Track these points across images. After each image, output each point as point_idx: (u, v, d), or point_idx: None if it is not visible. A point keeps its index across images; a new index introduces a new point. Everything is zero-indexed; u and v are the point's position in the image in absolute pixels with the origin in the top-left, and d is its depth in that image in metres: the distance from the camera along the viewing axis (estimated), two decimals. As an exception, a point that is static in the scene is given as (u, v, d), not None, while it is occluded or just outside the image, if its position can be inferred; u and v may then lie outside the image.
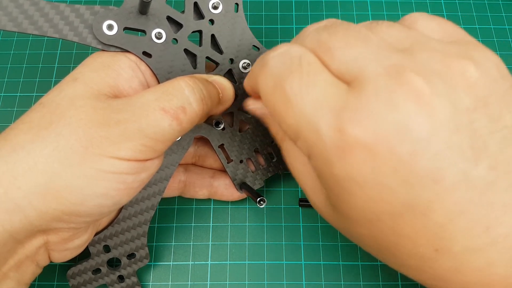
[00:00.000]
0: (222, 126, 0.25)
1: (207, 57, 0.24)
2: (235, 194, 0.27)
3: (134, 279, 0.24)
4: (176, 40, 0.23)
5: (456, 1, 0.34)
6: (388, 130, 0.14)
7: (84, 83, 0.19)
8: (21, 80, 0.31)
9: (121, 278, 0.24)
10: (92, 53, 0.22)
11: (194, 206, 0.28)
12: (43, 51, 0.32)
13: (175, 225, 0.28)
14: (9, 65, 0.32)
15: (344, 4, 0.34)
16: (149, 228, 0.27)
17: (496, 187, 0.14)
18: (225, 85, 0.23)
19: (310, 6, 0.34)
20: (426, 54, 0.16)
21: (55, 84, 0.20)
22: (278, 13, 0.34)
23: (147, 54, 0.22)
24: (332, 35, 0.17)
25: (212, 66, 0.24)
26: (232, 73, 0.24)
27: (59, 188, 0.17)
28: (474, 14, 0.34)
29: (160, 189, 0.24)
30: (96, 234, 0.23)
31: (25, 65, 0.32)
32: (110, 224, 0.24)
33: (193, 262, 0.27)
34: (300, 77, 0.16)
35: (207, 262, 0.27)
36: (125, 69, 0.21)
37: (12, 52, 0.32)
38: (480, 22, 0.34)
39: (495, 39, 0.33)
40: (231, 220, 0.28)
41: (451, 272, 0.15)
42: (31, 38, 0.33)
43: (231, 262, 0.27)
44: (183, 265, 0.27)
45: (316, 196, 0.19)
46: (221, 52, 0.24)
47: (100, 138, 0.18)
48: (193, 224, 0.28)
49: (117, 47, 0.21)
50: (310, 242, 0.27)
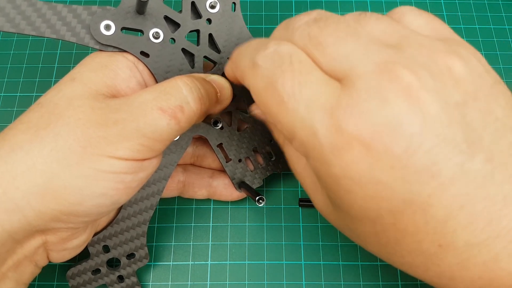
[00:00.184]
0: (221, 125, 0.25)
1: (205, 57, 0.24)
2: (234, 194, 0.26)
3: (134, 279, 0.24)
4: (174, 40, 0.23)
5: (456, 1, 0.34)
6: (382, 127, 0.14)
7: (82, 83, 0.19)
8: (21, 80, 0.31)
9: (121, 278, 0.24)
10: (91, 53, 0.22)
11: (194, 206, 0.28)
12: (43, 51, 0.32)
13: (175, 225, 0.28)
14: (9, 65, 0.32)
15: (344, 4, 0.34)
16: (149, 228, 0.27)
17: (495, 179, 0.14)
18: (223, 84, 0.23)
19: (310, 6, 0.34)
20: (415, 50, 0.15)
21: (55, 84, 0.20)
22: (278, 13, 0.34)
23: (145, 54, 0.22)
24: (323, 30, 0.17)
25: (210, 66, 0.24)
26: (231, 73, 0.24)
27: (58, 188, 0.17)
28: (474, 14, 0.34)
29: (159, 189, 0.24)
30: (96, 234, 0.23)
31: (25, 65, 0.32)
32: (109, 224, 0.24)
33: (193, 262, 0.27)
34: (292, 77, 0.16)
35: (207, 262, 0.27)
36: (123, 69, 0.21)
37: (12, 52, 0.32)
38: (480, 22, 0.34)
39: (495, 39, 0.33)
40: (231, 220, 0.28)
41: (456, 268, 0.15)
42: (31, 38, 0.33)
43: (231, 262, 0.27)
44: (183, 265, 0.27)
45: (317, 197, 0.19)
46: (219, 51, 0.24)
47: (98, 138, 0.18)
48: (193, 224, 0.28)
49: (115, 47, 0.22)
50: (310, 242, 0.27)
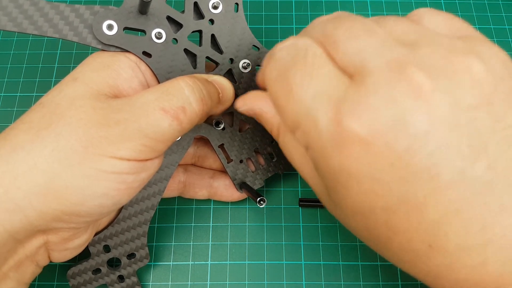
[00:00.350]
0: (222, 126, 0.25)
1: (207, 57, 0.24)
2: (235, 195, 0.26)
3: (134, 279, 0.24)
4: (176, 40, 0.23)
5: (456, 1, 0.34)
6: (386, 125, 0.14)
7: (84, 83, 0.19)
8: (21, 80, 0.31)
9: (121, 278, 0.24)
10: (92, 53, 0.22)
11: (194, 206, 0.28)
12: (43, 51, 0.32)
13: (175, 225, 0.28)
14: (9, 65, 0.32)
15: (344, 4, 0.34)
16: (149, 228, 0.27)
17: (494, 188, 0.14)
18: (225, 85, 0.23)
19: (310, 6, 0.34)
20: (431, 49, 0.15)
21: (55, 84, 0.20)
22: (278, 13, 0.34)
23: (147, 54, 0.22)
24: (338, 27, 0.17)
25: (212, 66, 0.24)
26: (232, 73, 0.24)
27: (59, 188, 0.17)
28: (474, 14, 0.34)
29: (160, 189, 0.24)
30: (96, 234, 0.23)
31: (25, 65, 0.32)
32: (110, 224, 0.24)
33: (193, 262, 0.27)
34: (304, 68, 0.17)
35: (207, 262, 0.27)
36: (125, 69, 0.21)
37: (12, 52, 0.32)
38: (480, 22, 0.34)
39: (495, 39, 0.33)
40: (231, 220, 0.28)
41: (444, 269, 0.15)
42: (31, 38, 0.33)
43: (231, 262, 0.27)
44: (183, 265, 0.27)
45: (316, 185, 0.19)
46: (221, 52, 0.24)
47: (100, 138, 0.18)
48: (193, 224, 0.28)
49: (117, 47, 0.21)
50: (310, 242, 0.27)
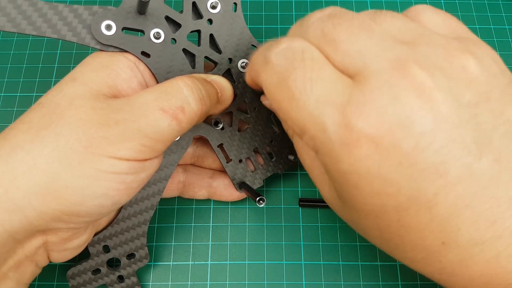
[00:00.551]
0: (221, 126, 0.25)
1: (206, 57, 0.24)
2: (234, 194, 0.26)
3: (134, 279, 0.24)
4: (175, 40, 0.23)
5: (456, 1, 0.34)
6: (392, 124, 0.14)
7: (83, 83, 0.19)
8: (21, 80, 0.31)
9: (121, 278, 0.24)
10: (91, 53, 0.22)
11: (194, 206, 0.28)
12: (43, 51, 0.32)
13: (175, 225, 0.28)
14: (9, 65, 0.32)
15: (344, 4, 0.34)
16: (149, 228, 0.27)
17: (501, 181, 0.14)
18: (224, 85, 0.23)
19: (310, 6, 0.34)
20: (429, 48, 0.16)
21: (55, 84, 0.20)
22: (278, 13, 0.34)
23: (146, 54, 0.22)
24: (337, 26, 0.17)
25: (211, 66, 0.24)
26: (231, 73, 0.24)
27: (59, 188, 0.17)
28: (474, 14, 0.34)
29: (160, 189, 0.24)
30: (96, 234, 0.23)
31: (25, 65, 0.32)
32: (110, 224, 0.24)
33: (193, 262, 0.27)
34: (304, 73, 0.16)
35: (207, 262, 0.27)
36: (124, 69, 0.21)
37: (12, 52, 0.32)
38: (480, 22, 0.34)
39: (495, 39, 0.33)
40: (231, 220, 0.28)
41: (458, 265, 0.15)
42: (31, 38, 0.33)
43: (231, 262, 0.27)
44: (183, 265, 0.27)
45: (325, 188, 0.19)
46: (220, 52, 0.24)
47: (100, 138, 0.18)
48: (193, 224, 0.28)
49: (116, 47, 0.21)
50: (310, 242, 0.27)
